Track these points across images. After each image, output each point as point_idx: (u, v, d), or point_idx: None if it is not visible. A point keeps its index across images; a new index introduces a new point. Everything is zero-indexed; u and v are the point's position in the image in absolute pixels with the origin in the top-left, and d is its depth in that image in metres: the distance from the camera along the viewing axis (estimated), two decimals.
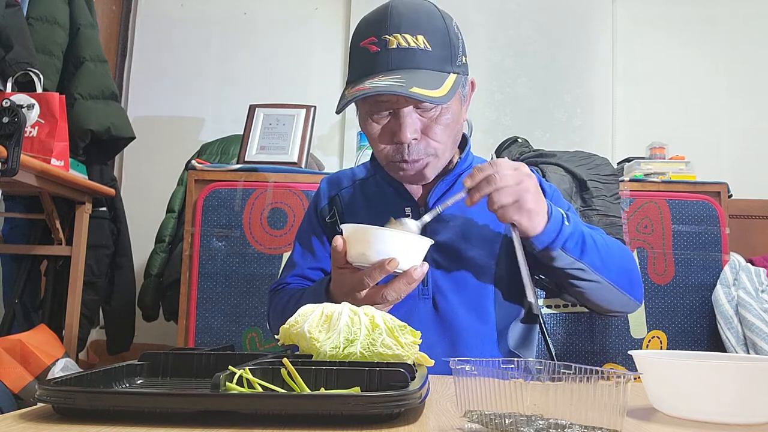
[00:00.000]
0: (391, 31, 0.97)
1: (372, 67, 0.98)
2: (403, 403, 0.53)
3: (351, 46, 1.05)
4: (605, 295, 1.04)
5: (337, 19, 3.26)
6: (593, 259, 0.99)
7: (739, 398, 0.59)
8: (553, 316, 1.99)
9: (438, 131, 1.01)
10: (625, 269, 1.05)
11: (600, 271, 1.00)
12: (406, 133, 0.98)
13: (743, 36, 3.14)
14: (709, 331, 1.97)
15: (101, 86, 2.31)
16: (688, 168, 2.23)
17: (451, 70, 1.00)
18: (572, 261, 0.98)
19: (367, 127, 1.04)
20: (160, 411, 0.54)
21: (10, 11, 2.01)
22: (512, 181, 0.90)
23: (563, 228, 0.96)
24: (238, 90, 3.18)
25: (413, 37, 0.97)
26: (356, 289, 0.90)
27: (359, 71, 1.00)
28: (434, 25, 1.00)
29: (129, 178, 3.18)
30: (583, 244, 0.99)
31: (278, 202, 2.00)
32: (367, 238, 0.86)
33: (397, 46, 0.97)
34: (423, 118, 1.00)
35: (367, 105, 1.01)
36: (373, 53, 0.98)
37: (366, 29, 1.01)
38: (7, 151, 1.70)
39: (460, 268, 1.08)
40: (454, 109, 1.02)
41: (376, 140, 1.03)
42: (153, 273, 2.37)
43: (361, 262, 0.88)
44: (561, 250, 0.97)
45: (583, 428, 0.50)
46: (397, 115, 0.99)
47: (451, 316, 1.06)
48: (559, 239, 0.96)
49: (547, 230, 0.95)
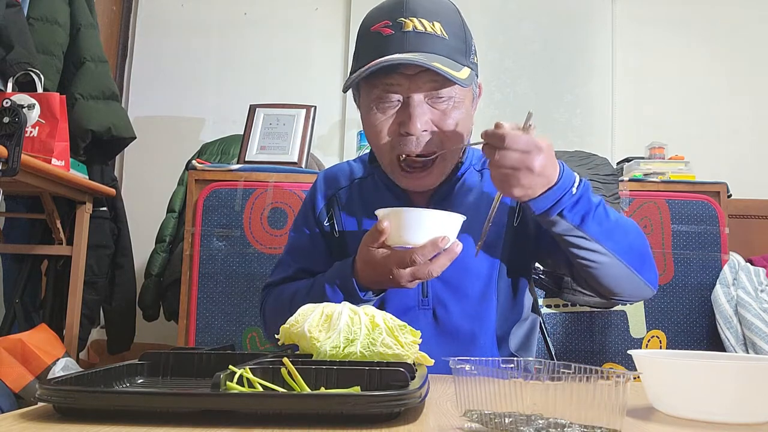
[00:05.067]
0: (408, 15, 0.94)
1: (385, 48, 0.93)
2: (403, 403, 0.54)
3: (360, 34, 1.00)
4: (614, 273, 0.98)
5: (337, 19, 3.26)
6: (600, 231, 0.94)
7: (739, 398, 0.59)
8: (553, 315, 1.99)
9: (449, 125, 0.96)
10: (636, 247, 1.00)
11: (607, 244, 0.94)
12: (416, 123, 0.94)
13: (743, 36, 3.14)
14: (709, 330, 1.97)
15: (102, 86, 2.31)
16: (688, 168, 2.22)
17: (466, 63, 0.97)
18: (574, 230, 0.93)
19: (369, 117, 0.98)
20: (161, 410, 0.54)
21: (10, 11, 2.01)
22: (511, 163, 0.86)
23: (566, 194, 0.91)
24: (238, 90, 3.18)
25: (430, 22, 0.94)
26: (401, 266, 0.88)
27: (369, 54, 0.95)
28: (451, 15, 0.98)
29: (129, 178, 3.18)
30: (592, 214, 0.93)
31: (278, 202, 2.00)
32: (415, 220, 0.88)
33: (413, 29, 0.93)
34: (435, 110, 0.96)
35: (375, 90, 0.96)
36: (387, 36, 0.94)
37: (378, 15, 0.98)
38: (8, 151, 1.70)
39: (461, 278, 1.05)
40: (466, 106, 0.99)
41: (380, 131, 0.97)
42: (153, 273, 2.38)
43: (408, 242, 0.88)
44: (561, 217, 0.92)
45: (583, 428, 0.50)
46: (407, 103, 0.94)
47: (452, 327, 1.04)
48: (559, 204, 0.90)
49: (547, 196, 0.89)
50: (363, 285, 0.95)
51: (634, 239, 1.00)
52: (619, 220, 0.99)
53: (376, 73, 0.94)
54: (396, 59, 0.90)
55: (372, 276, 0.93)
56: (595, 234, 0.94)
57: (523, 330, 1.12)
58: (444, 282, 1.04)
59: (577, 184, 0.92)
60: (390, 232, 0.88)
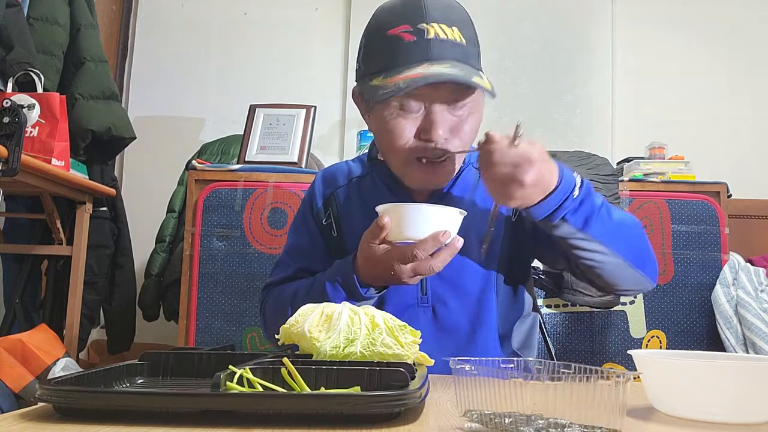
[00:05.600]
0: (429, 20, 0.94)
1: (409, 55, 0.94)
2: (403, 403, 0.54)
3: (374, 35, 1.00)
4: (616, 271, 0.99)
5: (337, 19, 3.26)
6: (602, 231, 0.95)
7: (739, 398, 0.59)
8: (553, 315, 1.99)
9: (465, 132, 0.98)
10: (638, 244, 1.01)
11: (608, 243, 0.95)
12: (438, 131, 0.95)
13: (743, 36, 3.14)
14: (709, 330, 1.97)
15: (102, 86, 2.31)
16: (688, 168, 2.23)
17: (479, 67, 0.98)
18: (576, 232, 0.93)
19: (387, 123, 0.98)
20: (161, 410, 0.54)
21: (10, 11, 2.01)
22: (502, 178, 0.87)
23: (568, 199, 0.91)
24: (238, 90, 3.18)
25: (450, 28, 0.95)
26: (403, 261, 0.88)
27: (392, 60, 0.95)
28: (465, 20, 0.99)
29: (129, 178, 3.18)
30: (594, 215, 0.94)
31: (278, 202, 2.00)
32: (416, 215, 0.88)
33: (435, 36, 0.94)
34: (453, 117, 0.98)
35: (399, 99, 0.96)
36: (408, 42, 0.94)
37: (394, 18, 0.97)
38: (8, 151, 1.70)
39: (461, 276, 1.05)
40: (479, 110, 1.00)
41: (401, 136, 0.98)
42: (153, 273, 2.38)
43: (409, 237, 0.88)
44: (564, 221, 0.92)
45: (583, 428, 0.50)
46: (430, 111, 0.96)
47: (452, 325, 1.04)
48: (562, 209, 0.91)
49: (547, 203, 0.90)
50: (364, 282, 0.95)
51: (635, 237, 1.01)
52: (622, 219, 1.00)
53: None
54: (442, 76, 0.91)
55: (373, 272, 0.93)
56: (599, 235, 0.95)
57: (524, 327, 1.12)
58: (443, 279, 1.04)
59: (579, 185, 0.93)
60: (391, 228, 0.89)
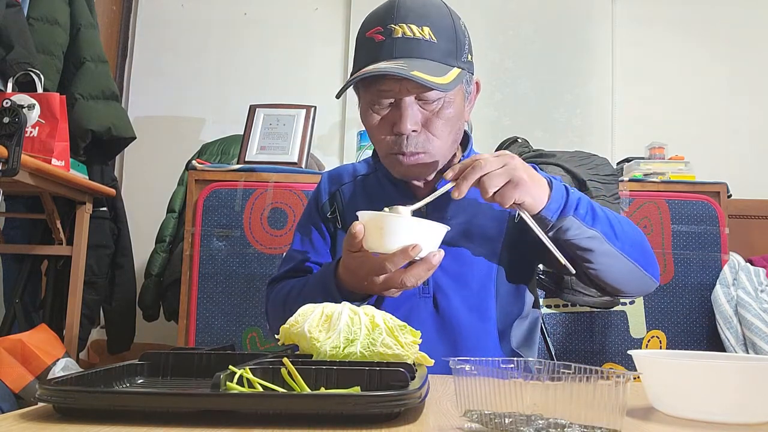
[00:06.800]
0: (397, 21, 0.98)
1: (376, 55, 0.98)
2: (403, 403, 0.54)
3: (357, 39, 1.05)
4: (621, 269, 1.01)
5: (337, 19, 3.26)
6: (605, 227, 0.97)
7: (739, 398, 0.59)
8: (553, 315, 1.99)
9: (439, 125, 1.00)
10: (638, 242, 1.03)
11: (613, 241, 0.97)
12: (406, 124, 0.98)
13: (743, 36, 3.14)
14: (709, 330, 1.97)
15: (102, 86, 2.31)
16: (688, 168, 2.23)
17: (456, 64, 1.00)
18: (585, 229, 0.95)
19: (367, 118, 1.03)
20: (161, 410, 0.54)
21: (10, 11, 2.01)
22: (498, 164, 0.89)
23: (570, 194, 0.95)
24: (238, 90, 3.17)
25: (419, 27, 0.97)
26: (374, 273, 0.89)
27: (363, 60, 1.00)
28: (441, 18, 1.00)
29: (129, 178, 3.18)
30: (593, 211, 0.97)
31: (278, 202, 2.00)
32: (387, 226, 0.86)
33: (402, 35, 0.97)
34: (424, 111, 1.00)
35: (369, 94, 1.01)
36: (378, 42, 0.98)
37: (372, 20, 1.02)
38: (8, 151, 1.70)
39: (462, 268, 1.07)
40: (456, 105, 1.02)
41: (376, 131, 1.03)
42: (153, 273, 2.37)
43: (379, 249, 0.87)
44: (574, 216, 0.94)
45: (583, 428, 0.50)
46: (398, 105, 0.99)
47: (452, 316, 1.06)
48: (569, 204, 0.94)
49: (554, 197, 0.93)
50: (346, 288, 0.97)
51: (635, 235, 1.03)
52: (617, 216, 1.02)
53: (367, 79, 0.98)
54: (376, 71, 0.94)
55: (350, 280, 0.94)
56: (606, 232, 0.97)
57: (524, 327, 1.13)
58: (444, 271, 1.05)
59: (563, 184, 0.97)
60: (366, 237, 0.89)
